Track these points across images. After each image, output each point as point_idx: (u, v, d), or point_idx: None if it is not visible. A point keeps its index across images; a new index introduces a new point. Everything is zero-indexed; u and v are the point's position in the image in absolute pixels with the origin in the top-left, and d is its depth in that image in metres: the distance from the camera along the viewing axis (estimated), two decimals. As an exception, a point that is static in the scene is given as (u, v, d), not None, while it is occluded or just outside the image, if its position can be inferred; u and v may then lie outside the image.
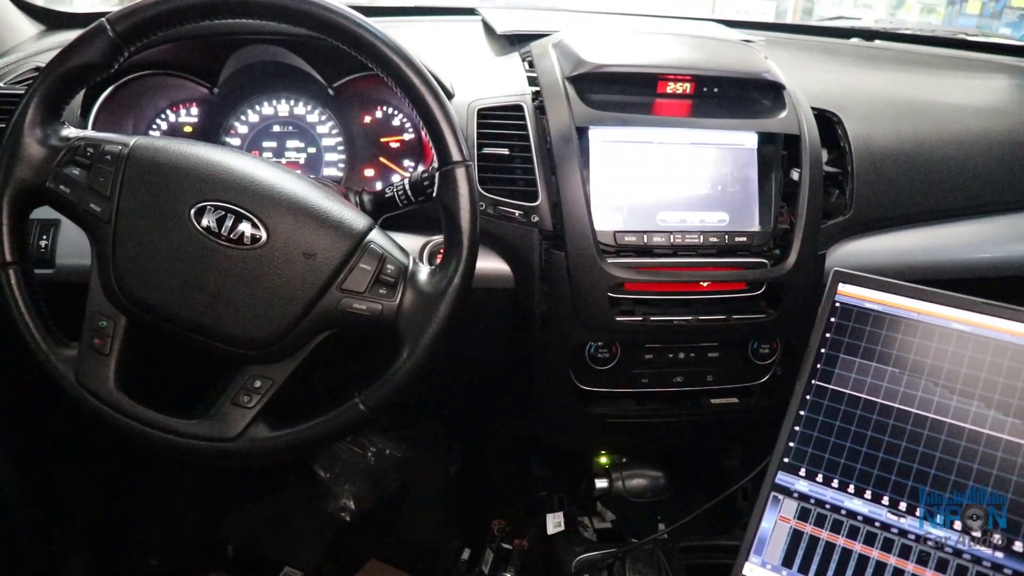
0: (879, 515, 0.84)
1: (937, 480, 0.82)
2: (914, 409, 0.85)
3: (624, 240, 1.18)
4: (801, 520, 0.87)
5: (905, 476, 0.84)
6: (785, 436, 0.90)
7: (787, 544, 0.87)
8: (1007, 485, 0.79)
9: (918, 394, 0.85)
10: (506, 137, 1.20)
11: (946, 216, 1.39)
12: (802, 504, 0.88)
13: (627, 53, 1.26)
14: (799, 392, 0.91)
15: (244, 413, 0.93)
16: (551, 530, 1.42)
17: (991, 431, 0.81)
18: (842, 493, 0.86)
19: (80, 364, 0.92)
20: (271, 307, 0.91)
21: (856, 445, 0.87)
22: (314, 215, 0.93)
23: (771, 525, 0.88)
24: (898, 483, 0.84)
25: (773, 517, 0.89)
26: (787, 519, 0.88)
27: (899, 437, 0.85)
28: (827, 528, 0.86)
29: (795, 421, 0.90)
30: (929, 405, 0.84)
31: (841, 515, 0.86)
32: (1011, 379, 0.82)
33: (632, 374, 1.25)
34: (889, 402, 0.86)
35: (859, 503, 0.85)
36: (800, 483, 0.88)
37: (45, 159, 0.92)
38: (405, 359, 0.93)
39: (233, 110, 1.35)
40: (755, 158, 1.25)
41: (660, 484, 1.29)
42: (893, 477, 0.84)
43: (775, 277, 1.20)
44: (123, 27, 0.92)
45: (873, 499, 0.85)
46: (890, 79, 1.59)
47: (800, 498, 0.88)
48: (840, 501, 0.86)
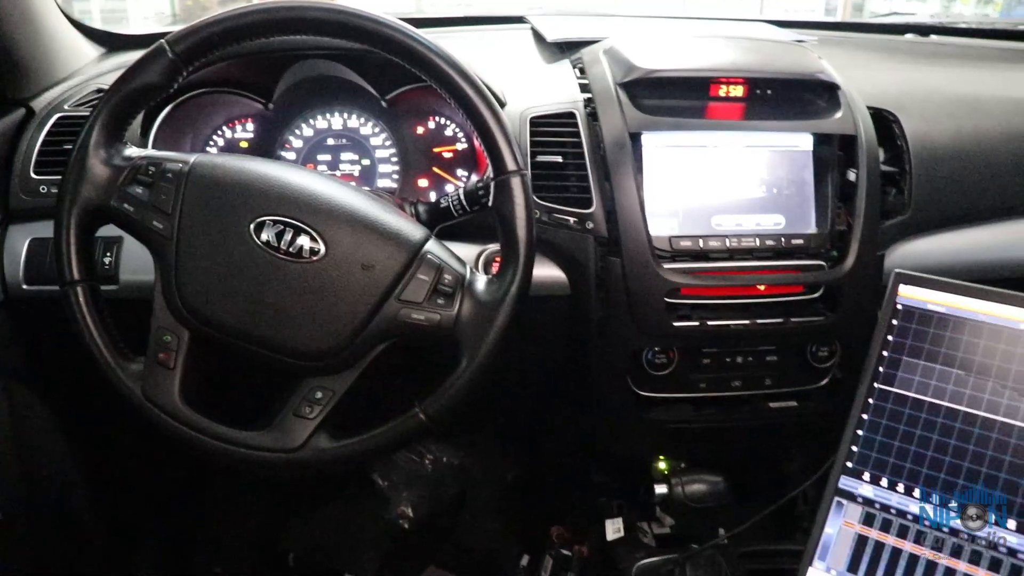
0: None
1: (1007, 484, 0.80)
2: (981, 412, 0.83)
3: (680, 245, 1.17)
4: (866, 525, 0.86)
5: (973, 480, 0.82)
6: (848, 440, 0.89)
7: (852, 550, 0.86)
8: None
9: (985, 396, 0.83)
10: (559, 145, 1.21)
11: (1010, 214, 1.36)
12: (867, 509, 0.86)
13: (678, 57, 1.25)
14: (861, 395, 0.90)
15: (306, 424, 0.94)
16: (610, 536, 1.42)
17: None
18: (908, 498, 0.85)
19: (146, 378, 0.94)
20: (331, 319, 0.92)
21: (921, 449, 0.85)
22: (371, 227, 0.94)
23: (835, 530, 0.87)
24: (966, 487, 0.82)
25: (837, 522, 0.87)
26: (852, 524, 0.87)
27: (966, 440, 0.83)
28: (893, 533, 0.84)
29: (858, 425, 0.89)
30: (997, 408, 0.83)
31: (907, 520, 0.84)
32: (1083, 380, 0.80)
33: (690, 379, 1.24)
34: (955, 405, 0.85)
35: (926, 508, 0.84)
36: (864, 487, 0.87)
37: (109, 179, 0.95)
38: (464, 368, 0.93)
39: (288, 125, 1.38)
40: (810, 160, 1.23)
41: (720, 489, 1.28)
42: (960, 481, 0.82)
43: (833, 279, 1.19)
44: (182, 48, 0.94)
45: (941, 503, 0.83)
46: (948, 75, 1.56)
47: (865, 503, 0.87)
48: (905, 506, 0.85)
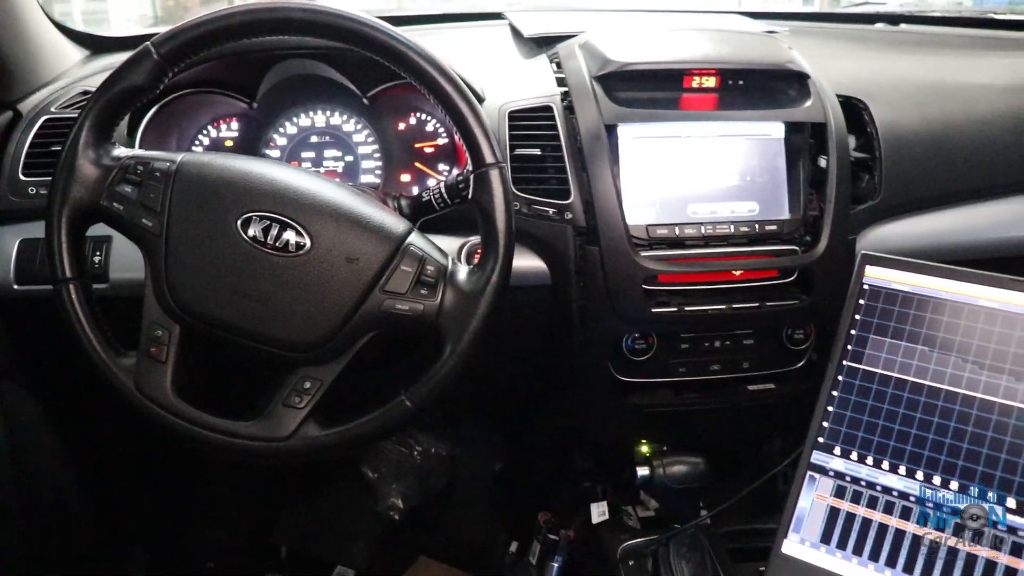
0: (913, 490, 0.86)
1: (970, 453, 0.84)
2: (945, 385, 0.87)
3: (656, 233, 1.20)
4: (837, 497, 0.90)
5: (938, 451, 0.85)
6: (819, 417, 0.93)
7: (825, 521, 0.89)
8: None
9: (948, 371, 0.87)
10: (537, 138, 1.24)
11: (976, 196, 1.39)
12: (838, 482, 0.90)
13: (652, 50, 1.28)
14: (831, 374, 0.93)
15: (295, 414, 0.97)
16: (595, 519, 1.45)
17: (1020, 404, 0.83)
18: (876, 470, 0.88)
19: (139, 372, 0.97)
20: (317, 311, 0.95)
21: (889, 423, 0.89)
22: (355, 221, 0.97)
23: (808, 503, 0.91)
24: (932, 458, 0.86)
25: (810, 495, 0.91)
26: (824, 497, 0.90)
27: (931, 413, 0.87)
28: (863, 504, 0.88)
29: (828, 402, 0.93)
30: (959, 381, 0.86)
31: (876, 491, 0.88)
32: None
33: (669, 364, 1.27)
34: (920, 380, 0.88)
35: (894, 479, 0.87)
36: (835, 462, 0.91)
37: (99, 178, 0.97)
38: (448, 356, 0.96)
39: (272, 123, 1.40)
40: (783, 147, 1.26)
41: (701, 470, 1.31)
42: (926, 452, 0.86)
43: (806, 263, 1.22)
44: (167, 49, 0.97)
45: (907, 474, 0.87)
46: (917, 63, 1.59)
47: (836, 476, 0.90)
48: (875, 478, 0.88)
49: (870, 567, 0.86)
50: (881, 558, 0.85)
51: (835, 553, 0.88)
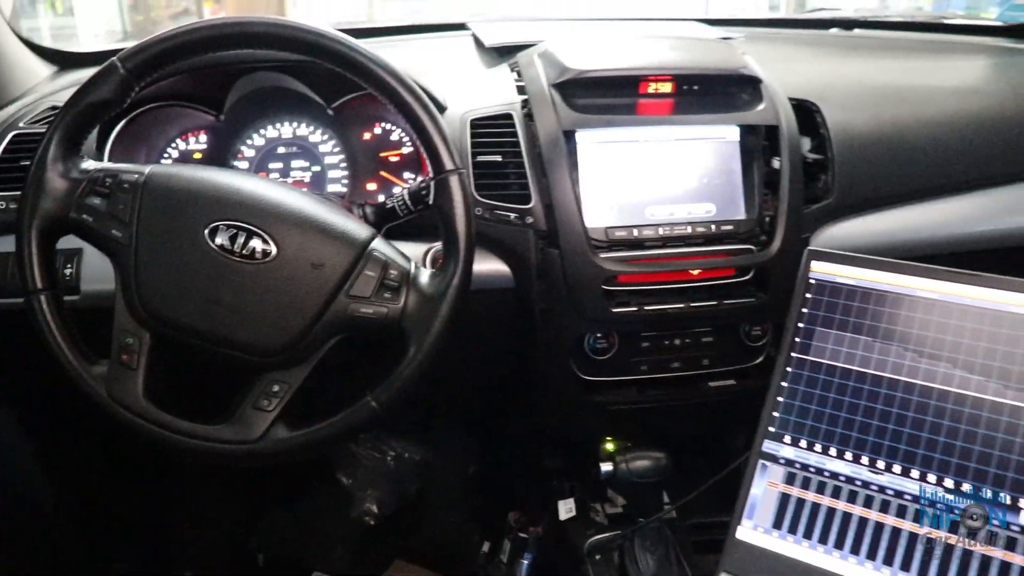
0: (859, 474, 0.90)
1: (911, 438, 0.88)
2: (887, 374, 0.91)
3: (615, 235, 1.23)
4: (788, 484, 0.93)
5: (881, 436, 0.89)
6: (770, 407, 0.96)
7: (777, 507, 0.93)
8: (974, 438, 0.85)
9: (890, 360, 0.91)
10: (498, 145, 1.27)
11: (926, 195, 1.43)
12: (788, 469, 0.93)
13: (608, 58, 1.32)
14: (780, 365, 0.97)
15: (265, 416, 0.99)
16: (563, 516, 1.48)
17: (958, 389, 0.87)
18: (824, 456, 0.92)
19: (110, 379, 0.99)
20: (284, 316, 0.98)
21: (835, 411, 0.92)
22: (319, 228, 1.00)
23: (761, 491, 0.94)
24: (875, 443, 0.89)
25: (762, 483, 0.94)
26: (776, 484, 0.94)
27: (874, 400, 0.91)
28: (812, 490, 0.91)
29: (778, 392, 0.96)
30: (900, 369, 0.90)
31: (824, 477, 0.91)
32: (974, 339, 0.87)
33: (631, 362, 1.30)
34: (863, 369, 0.92)
35: (840, 464, 0.91)
36: (785, 449, 0.94)
37: (68, 191, 0.99)
38: (412, 357, 0.99)
39: (240, 135, 1.42)
40: (737, 150, 1.30)
41: (663, 464, 1.34)
42: (871, 438, 0.90)
43: (761, 261, 1.25)
44: (133, 64, 0.99)
45: (853, 460, 0.90)
46: (870, 66, 1.64)
47: (786, 464, 0.94)
48: (823, 464, 0.92)
49: (819, 549, 0.89)
50: (830, 540, 0.89)
51: (787, 537, 0.91)
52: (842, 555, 0.88)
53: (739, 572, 0.92)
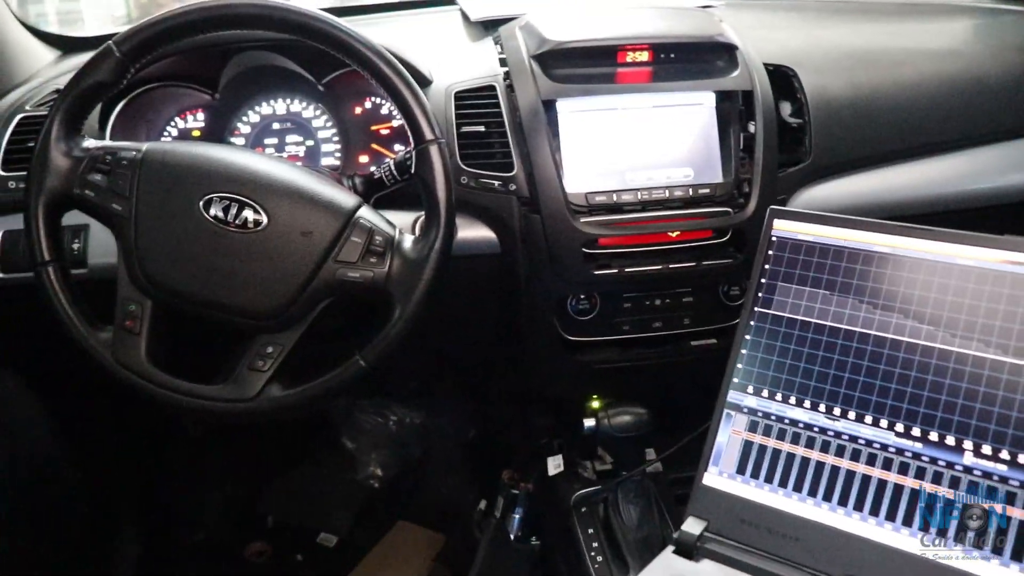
0: (817, 421, 0.94)
1: (865, 386, 0.92)
2: (843, 325, 0.95)
3: (595, 200, 1.28)
4: (751, 432, 0.98)
5: (837, 384, 0.94)
6: (735, 358, 1.01)
7: (740, 453, 0.97)
8: (923, 384, 0.90)
9: (846, 312, 0.95)
10: (481, 115, 1.31)
11: (902, 157, 1.47)
12: (751, 418, 0.98)
13: (587, 29, 1.35)
14: (744, 319, 1.01)
15: (260, 376, 1.06)
16: (551, 471, 1.53)
17: (909, 338, 0.91)
18: (785, 405, 0.96)
19: (115, 344, 1.06)
20: (276, 281, 1.04)
21: (795, 361, 0.97)
22: (308, 198, 1.05)
23: (726, 438, 0.99)
24: (832, 391, 0.94)
25: (727, 431, 0.99)
26: (739, 432, 0.98)
27: (831, 351, 0.95)
28: (773, 436, 0.96)
29: (742, 345, 1.01)
30: (855, 320, 0.94)
31: (785, 424, 0.96)
32: (924, 291, 0.92)
33: (613, 323, 1.35)
34: (821, 320, 0.96)
35: (799, 412, 0.95)
36: (749, 399, 0.99)
37: (70, 169, 1.05)
38: (397, 318, 1.05)
39: (235, 112, 1.47)
40: (714, 115, 1.34)
41: (644, 420, 1.38)
42: (827, 387, 0.94)
43: (738, 223, 1.29)
44: (127, 47, 1.05)
45: (811, 407, 0.95)
46: (849, 31, 1.66)
47: (749, 412, 0.98)
48: (783, 412, 0.96)
49: (779, 492, 0.94)
50: (789, 483, 0.94)
51: (749, 482, 0.96)
52: (800, 497, 0.93)
53: (706, 515, 0.97)
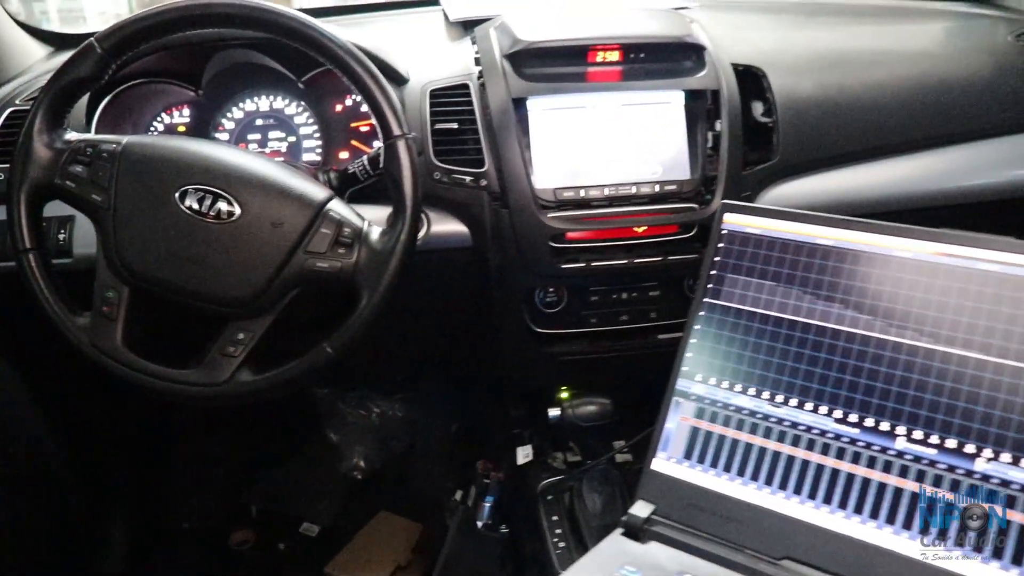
0: (760, 408, 0.98)
1: (806, 373, 0.96)
2: (788, 315, 0.99)
3: (563, 196, 1.31)
4: (698, 418, 1.01)
5: (780, 372, 0.97)
6: (684, 347, 1.05)
7: (687, 439, 1.01)
8: (861, 372, 0.94)
9: (790, 302, 0.99)
10: (455, 113, 1.35)
11: (869, 156, 1.49)
12: (699, 404, 1.02)
13: (559, 29, 1.39)
14: (695, 308, 1.05)
15: (231, 361, 1.10)
16: (520, 461, 1.56)
17: (849, 328, 0.95)
18: (731, 392, 1.00)
19: (93, 329, 1.10)
20: (248, 270, 1.08)
21: (742, 350, 1.00)
22: (280, 190, 1.09)
23: (675, 425, 1.02)
24: (775, 379, 0.97)
25: (676, 418, 1.03)
26: (687, 419, 1.02)
27: (776, 340, 0.99)
28: (719, 423, 1.00)
29: (692, 334, 1.05)
30: (799, 311, 0.98)
31: (730, 411, 0.99)
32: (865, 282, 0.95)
33: (581, 315, 1.39)
34: (767, 311, 1.00)
35: (744, 399, 0.99)
36: (697, 387, 1.03)
37: (52, 160, 1.10)
38: (363, 307, 1.09)
39: (219, 109, 1.52)
40: (682, 114, 1.37)
41: (607, 410, 1.41)
42: (771, 375, 0.98)
43: (703, 218, 1.32)
44: (109, 43, 1.10)
45: (756, 394, 0.98)
46: (820, 32, 1.68)
47: (697, 400, 1.02)
48: (729, 399, 1.00)
49: (724, 476, 0.98)
50: (733, 468, 0.97)
51: (696, 466, 1.00)
52: (744, 481, 0.97)
53: (654, 499, 1.01)
